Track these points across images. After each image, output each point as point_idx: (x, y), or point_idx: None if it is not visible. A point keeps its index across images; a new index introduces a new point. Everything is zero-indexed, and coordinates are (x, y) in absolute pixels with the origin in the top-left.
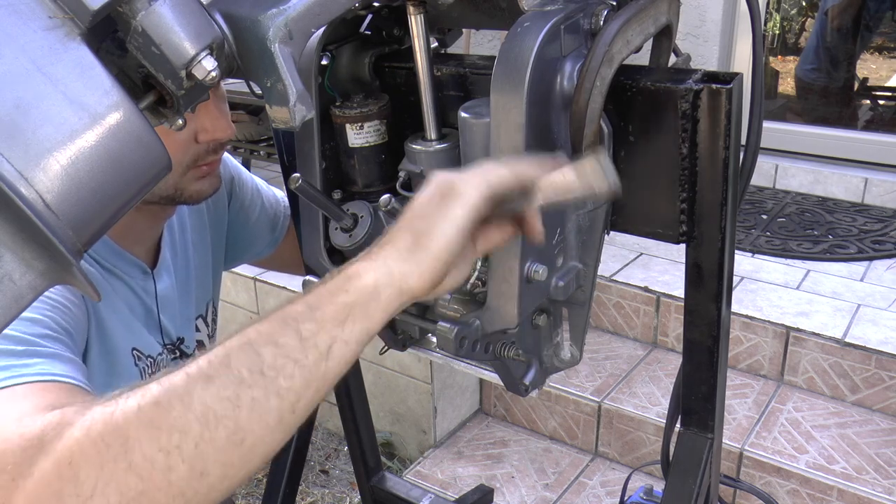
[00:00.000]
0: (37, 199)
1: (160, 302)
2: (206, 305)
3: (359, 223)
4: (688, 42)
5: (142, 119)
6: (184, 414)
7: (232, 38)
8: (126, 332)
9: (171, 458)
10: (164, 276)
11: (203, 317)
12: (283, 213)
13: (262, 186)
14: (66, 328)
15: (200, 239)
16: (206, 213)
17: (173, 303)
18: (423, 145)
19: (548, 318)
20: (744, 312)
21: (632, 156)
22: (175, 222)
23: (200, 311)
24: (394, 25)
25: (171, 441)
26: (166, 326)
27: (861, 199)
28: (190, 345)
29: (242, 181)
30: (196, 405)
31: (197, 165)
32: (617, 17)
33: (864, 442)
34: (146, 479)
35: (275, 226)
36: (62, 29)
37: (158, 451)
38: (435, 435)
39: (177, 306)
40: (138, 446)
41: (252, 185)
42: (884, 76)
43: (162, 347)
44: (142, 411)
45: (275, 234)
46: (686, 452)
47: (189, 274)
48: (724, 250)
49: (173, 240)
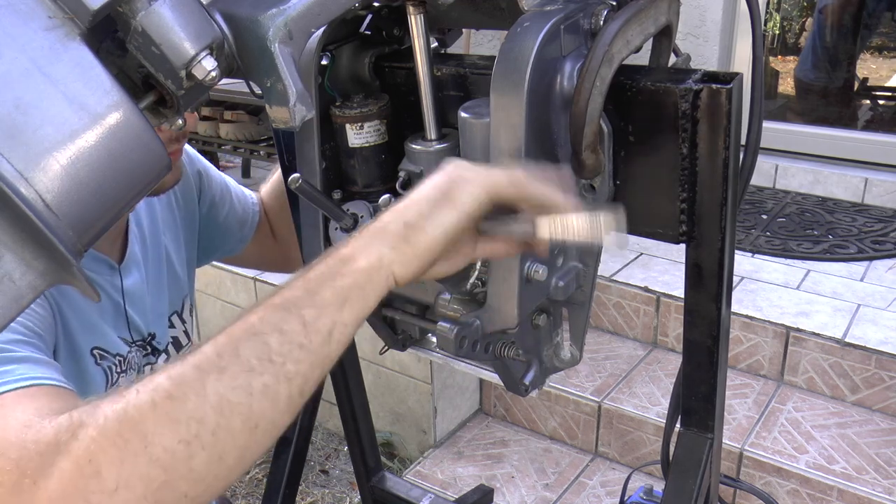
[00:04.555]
0: (37, 199)
1: (128, 297)
2: (182, 301)
3: (359, 223)
4: (688, 42)
5: (142, 119)
6: (200, 405)
7: (232, 38)
8: (86, 332)
9: (191, 447)
10: (133, 271)
11: (178, 313)
12: (251, 210)
13: (232, 184)
14: (36, 331)
15: (173, 235)
16: (177, 209)
17: (143, 298)
18: (423, 145)
19: (548, 318)
20: (744, 312)
21: (632, 156)
22: (145, 217)
23: (175, 307)
24: (394, 25)
25: (189, 431)
26: (136, 322)
27: (861, 199)
28: (162, 341)
29: (210, 177)
30: (211, 396)
31: None
32: (617, 17)
33: (864, 442)
34: (168, 469)
35: (244, 223)
36: (62, 29)
37: (178, 442)
38: (435, 435)
39: (147, 301)
40: (158, 440)
41: (220, 182)
42: (884, 76)
43: (131, 344)
44: (157, 406)
45: (244, 232)
46: (686, 452)
47: (161, 270)
48: (724, 250)
49: (143, 235)
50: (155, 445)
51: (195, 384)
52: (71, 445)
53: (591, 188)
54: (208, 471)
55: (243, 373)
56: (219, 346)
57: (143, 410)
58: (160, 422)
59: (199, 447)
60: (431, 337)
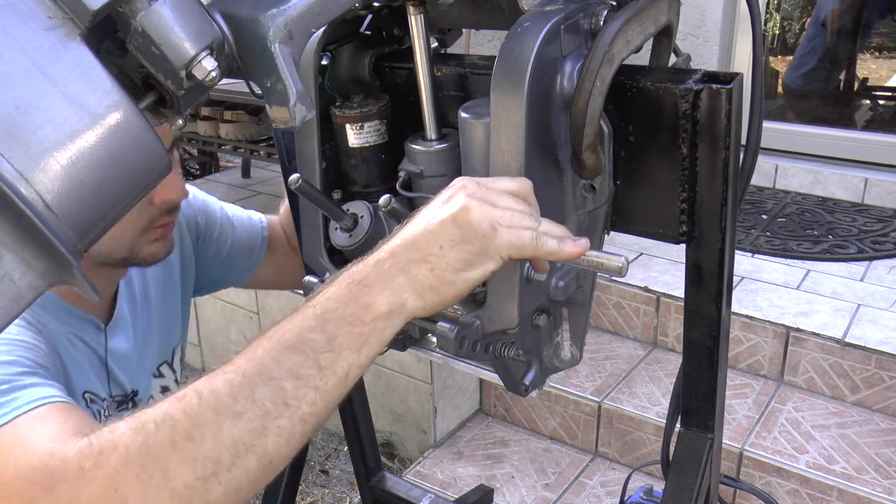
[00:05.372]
0: (37, 199)
1: (112, 357)
2: (172, 351)
3: (359, 223)
4: (688, 42)
5: (142, 119)
6: (217, 447)
7: (232, 38)
8: (80, 375)
9: (208, 483)
10: (120, 333)
11: (169, 362)
12: (259, 236)
13: (235, 214)
14: (41, 363)
15: (165, 290)
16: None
17: (129, 357)
18: (423, 145)
19: (548, 318)
20: (744, 312)
21: (632, 156)
22: (136, 276)
23: (165, 358)
24: (394, 25)
25: (206, 470)
26: (120, 380)
27: (861, 199)
28: (144, 396)
29: (210, 215)
30: (227, 439)
31: (152, 227)
32: (617, 17)
33: (864, 442)
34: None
35: (251, 252)
36: (62, 29)
37: (196, 479)
38: (435, 435)
39: (133, 360)
40: (178, 476)
41: (222, 217)
42: (884, 76)
43: (111, 397)
44: (177, 446)
45: (251, 261)
46: (686, 452)
47: (150, 327)
48: (724, 250)
49: (132, 294)
50: (176, 481)
51: (212, 427)
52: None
53: (592, 188)
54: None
55: (259, 417)
56: (234, 388)
57: (164, 449)
58: (180, 461)
59: (217, 483)
60: (431, 337)
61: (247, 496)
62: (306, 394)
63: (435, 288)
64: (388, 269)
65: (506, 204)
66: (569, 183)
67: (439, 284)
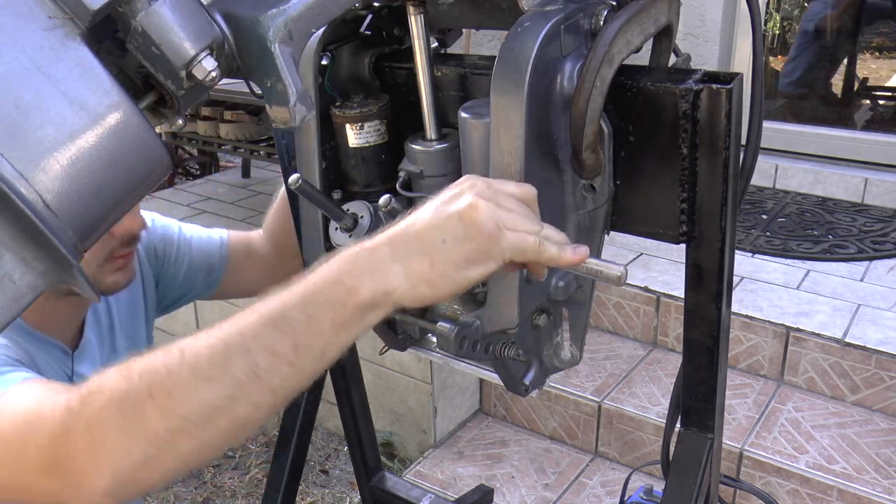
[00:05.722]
0: (37, 199)
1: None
2: None
3: (359, 223)
4: (688, 42)
5: (142, 119)
6: (189, 406)
7: (232, 38)
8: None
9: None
10: (87, 359)
11: None
12: (217, 256)
13: (195, 235)
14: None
15: (130, 316)
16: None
17: None
18: (423, 145)
19: (548, 318)
20: (744, 312)
21: (632, 156)
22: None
23: None
24: (394, 25)
25: (178, 425)
26: None
27: (861, 199)
28: None
29: (168, 239)
30: (199, 400)
31: (113, 258)
32: (617, 17)
33: (864, 442)
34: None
35: (210, 272)
36: (62, 29)
37: (167, 430)
38: (435, 435)
39: None
40: (152, 425)
41: (179, 239)
42: (884, 76)
43: None
44: (154, 397)
45: (210, 279)
46: (686, 452)
47: (117, 353)
48: (724, 250)
49: (99, 322)
50: (149, 430)
51: (188, 386)
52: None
53: (592, 188)
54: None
55: (230, 385)
56: (213, 354)
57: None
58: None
59: (188, 438)
60: (431, 337)
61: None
62: (278, 368)
63: (431, 281)
64: (383, 257)
65: (511, 206)
66: (569, 183)
67: (436, 279)
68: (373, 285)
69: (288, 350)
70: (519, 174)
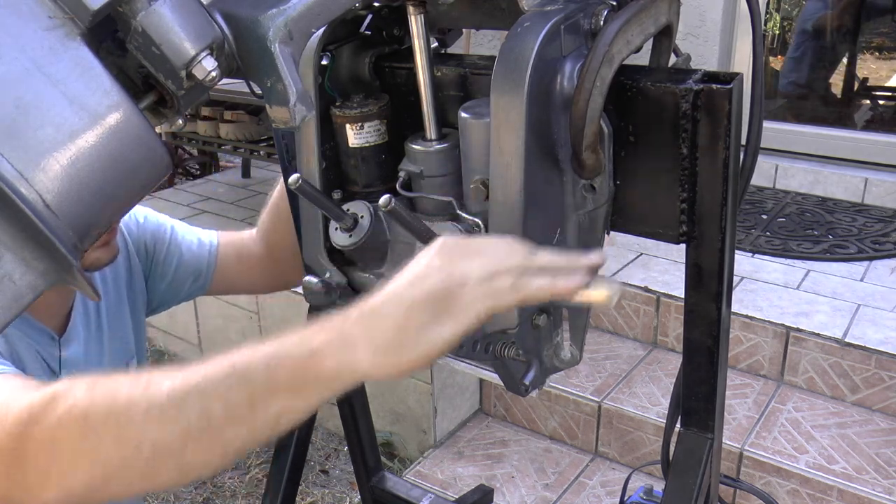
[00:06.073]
0: (37, 199)
1: (65, 367)
2: (126, 365)
3: (359, 223)
4: (688, 42)
5: (142, 119)
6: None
7: (232, 38)
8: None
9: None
10: (73, 344)
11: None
12: (206, 261)
13: (185, 237)
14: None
15: (117, 303)
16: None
17: (79, 368)
18: (423, 145)
19: (548, 318)
20: (744, 312)
21: (632, 156)
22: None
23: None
24: (394, 25)
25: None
26: None
27: (861, 199)
28: None
29: (159, 238)
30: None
31: None
32: (617, 17)
33: (864, 442)
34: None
35: (198, 275)
36: (62, 29)
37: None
38: (435, 435)
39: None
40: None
41: (171, 239)
42: (884, 76)
43: None
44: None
45: (196, 285)
46: (686, 452)
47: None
48: (724, 250)
49: (87, 309)
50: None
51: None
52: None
53: (592, 188)
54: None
55: (182, 428)
56: (173, 392)
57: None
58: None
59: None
60: None
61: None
62: (232, 420)
63: (390, 350)
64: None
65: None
66: (569, 183)
67: (397, 347)
68: (337, 355)
69: (243, 402)
70: (519, 174)
